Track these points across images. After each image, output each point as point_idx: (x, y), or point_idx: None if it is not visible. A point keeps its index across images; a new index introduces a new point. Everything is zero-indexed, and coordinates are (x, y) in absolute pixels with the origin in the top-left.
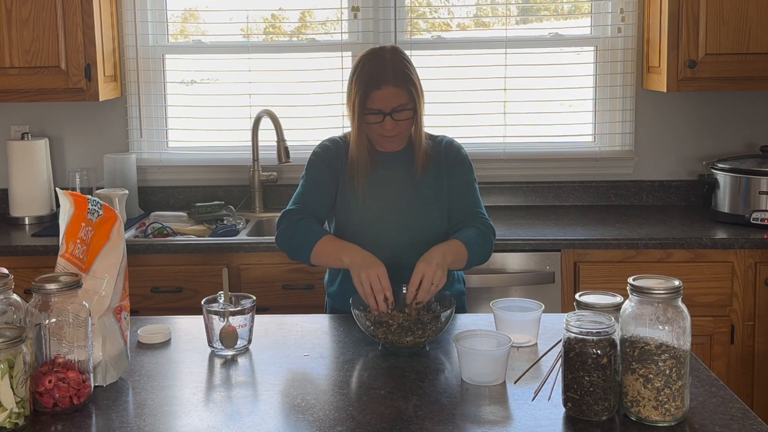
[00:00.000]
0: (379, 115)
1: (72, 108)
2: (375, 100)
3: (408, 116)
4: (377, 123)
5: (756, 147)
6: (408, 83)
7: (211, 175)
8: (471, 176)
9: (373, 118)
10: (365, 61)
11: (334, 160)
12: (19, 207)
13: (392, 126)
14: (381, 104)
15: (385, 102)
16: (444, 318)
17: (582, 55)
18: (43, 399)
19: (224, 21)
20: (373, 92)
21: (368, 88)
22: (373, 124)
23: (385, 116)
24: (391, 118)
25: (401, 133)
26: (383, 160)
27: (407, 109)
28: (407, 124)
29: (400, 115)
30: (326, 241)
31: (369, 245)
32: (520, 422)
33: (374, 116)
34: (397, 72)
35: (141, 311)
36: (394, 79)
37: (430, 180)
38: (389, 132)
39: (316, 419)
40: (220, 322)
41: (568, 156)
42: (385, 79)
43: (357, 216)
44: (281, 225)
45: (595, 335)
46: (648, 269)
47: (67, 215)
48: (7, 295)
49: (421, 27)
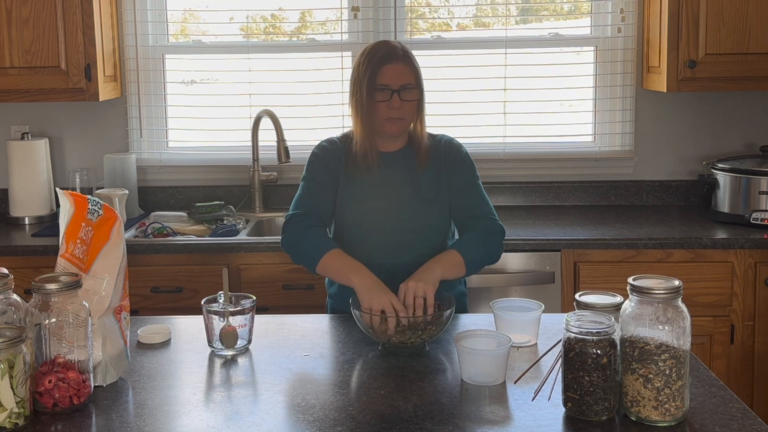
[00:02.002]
0: (387, 91)
1: (72, 108)
2: (385, 74)
3: (414, 97)
4: (384, 101)
5: (756, 147)
6: (415, 65)
7: (211, 175)
8: (473, 175)
9: (381, 96)
10: (375, 45)
11: (333, 161)
12: (19, 207)
13: (399, 104)
14: (390, 79)
15: (395, 78)
16: (444, 318)
17: (582, 55)
18: (43, 399)
19: (224, 21)
20: (384, 66)
21: (380, 63)
22: (380, 102)
23: (393, 93)
24: (398, 96)
25: (405, 118)
26: (383, 160)
27: (413, 88)
28: (411, 108)
29: (406, 95)
30: (334, 255)
31: (368, 245)
32: (520, 422)
33: (382, 93)
34: (406, 53)
35: (141, 311)
36: (404, 57)
37: (430, 179)
38: (395, 111)
39: (316, 419)
40: (220, 322)
41: (568, 156)
42: (396, 55)
43: (356, 216)
44: (288, 230)
45: (595, 335)
46: (648, 269)
47: (67, 215)
48: (7, 295)
49: (421, 27)
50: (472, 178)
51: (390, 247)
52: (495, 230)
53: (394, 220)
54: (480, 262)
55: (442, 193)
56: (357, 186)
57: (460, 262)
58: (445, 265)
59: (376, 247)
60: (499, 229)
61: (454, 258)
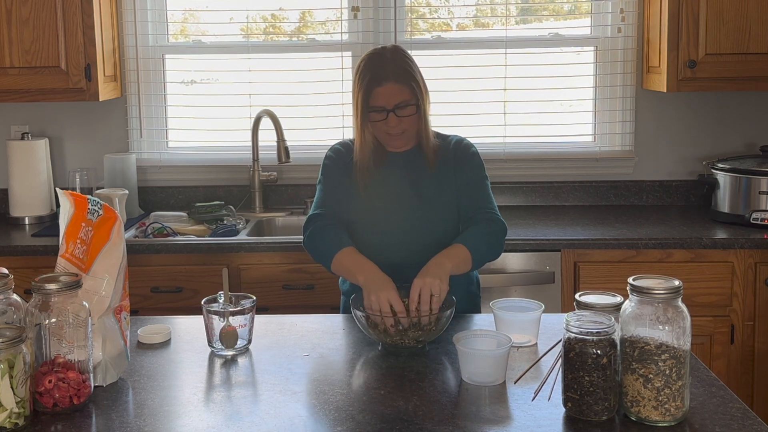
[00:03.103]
0: (383, 112)
1: (72, 108)
2: (377, 97)
3: (411, 112)
4: (381, 120)
5: (756, 147)
6: (409, 79)
7: (211, 175)
8: (481, 173)
9: (377, 116)
10: (366, 61)
11: (347, 163)
12: (19, 207)
13: (396, 123)
14: (383, 101)
15: (387, 98)
16: (444, 318)
17: (582, 55)
18: (43, 399)
19: (224, 21)
20: (374, 89)
21: (370, 86)
22: (377, 122)
23: (388, 113)
24: (394, 114)
25: (407, 131)
26: (392, 160)
27: (410, 105)
28: (411, 120)
29: (403, 112)
30: (345, 253)
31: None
32: (520, 422)
33: (377, 114)
34: (398, 69)
35: (141, 311)
36: (395, 75)
37: (433, 179)
38: (393, 129)
39: (316, 419)
40: (220, 322)
41: (568, 156)
42: (385, 75)
43: (360, 215)
44: (308, 229)
45: (595, 335)
46: (648, 269)
47: (67, 215)
48: (7, 295)
49: (421, 27)
50: (478, 176)
51: (394, 246)
52: (498, 227)
53: (395, 219)
54: (485, 257)
55: (450, 192)
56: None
57: (468, 257)
58: (454, 260)
59: (381, 246)
60: (502, 227)
61: (462, 252)
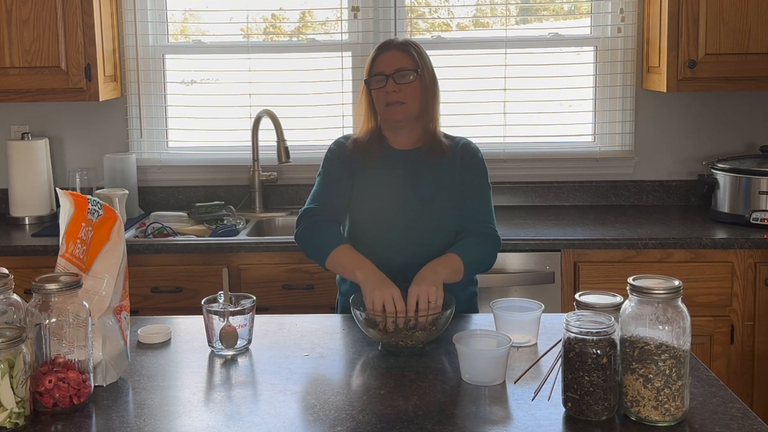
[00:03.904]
0: (382, 77)
1: (72, 108)
2: (379, 63)
3: (411, 80)
4: (381, 87)
5: (756, 147)
6: (411, 49)
7: (211, 175)
8: (485, 182)
9: (377, 83)
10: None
11: (349, 157)
12: (19, 207)
13: (394, 87)
14: (383, 66)
15: (389, 63)
16: (443, 318)
17: (582, 55)
18: (43, 399)
19: (224, 21)
20: (379, 56)
21: (376, 54)
22: (378, 89)
23: (387, 78)
24: (393, 80)
25: (405, 101)
26: (392, 159)
27: (409, 70)
28: (410, 91)
29: (402, 78)
30: (342, 251)
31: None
32: (520, 422)
33: (378, 80)
34: (405, 42)
35: (141, 311)
36: (401, 45)
37: (433, 178)
38: (392, 95)
39: (316, 419)
40: (220, 322)
41: (568, 156)
42: (391, 45)
43: (359, 213)
44: (301, 224)
45: (595, 335)
46: (648, 269)
47: (67, 215)
48: (7, 295)
49: (421, 27)
50: (481, 186)
51: (392, 244)
52: (493, 241)
53: (392, 218)
54: (476, 268)
55: (445, 192)
56: (363, 183)
57: (461, 268)
58: (447, 269)
59: (378, 243)
60: (496, 242)
61: (456, 263)
